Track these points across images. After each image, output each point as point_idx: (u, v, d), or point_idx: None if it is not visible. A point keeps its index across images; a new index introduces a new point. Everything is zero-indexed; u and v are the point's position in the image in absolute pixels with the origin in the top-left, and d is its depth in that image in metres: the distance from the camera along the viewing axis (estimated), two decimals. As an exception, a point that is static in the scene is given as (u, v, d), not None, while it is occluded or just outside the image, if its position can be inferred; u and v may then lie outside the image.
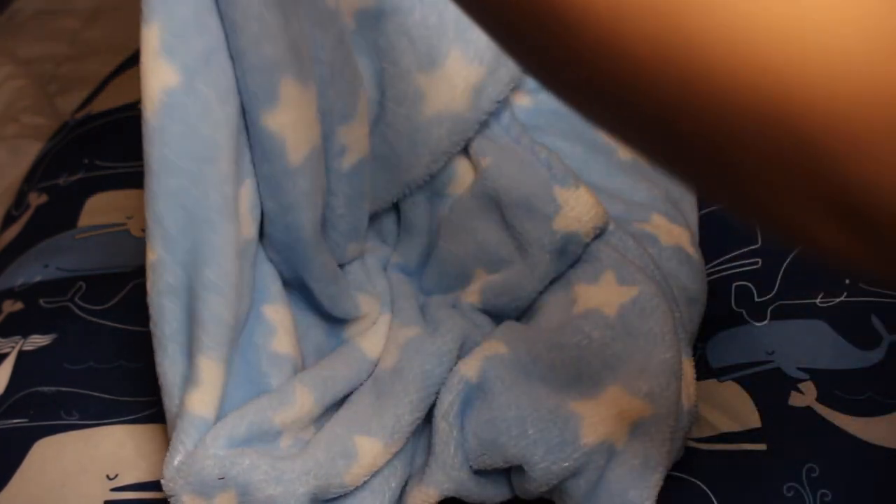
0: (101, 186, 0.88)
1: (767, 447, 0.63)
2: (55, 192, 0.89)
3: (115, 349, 0.74)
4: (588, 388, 0.59)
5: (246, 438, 0.58)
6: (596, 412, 0.58)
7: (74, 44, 1.27)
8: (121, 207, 0.86)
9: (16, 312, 0.79)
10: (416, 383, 0.61)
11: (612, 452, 0.58)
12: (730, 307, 0.71)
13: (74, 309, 0.77)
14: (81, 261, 0.82)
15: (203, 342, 0.57)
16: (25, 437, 0.68)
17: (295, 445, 0.60)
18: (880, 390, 0.64)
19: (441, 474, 0.59)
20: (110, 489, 0.65)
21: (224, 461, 0.57)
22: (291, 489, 0.57)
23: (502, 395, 0.58)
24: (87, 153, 0.91)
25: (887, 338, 0.66)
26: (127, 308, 0.76)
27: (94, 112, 0.96)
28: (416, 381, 0.61)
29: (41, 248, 0.85)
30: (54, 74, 1.22)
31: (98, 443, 0.67)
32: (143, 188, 0.87)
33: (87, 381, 0.72)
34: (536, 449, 0.57)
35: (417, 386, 0.61)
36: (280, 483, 0.57)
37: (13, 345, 0.75)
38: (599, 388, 0.59)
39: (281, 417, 0.59)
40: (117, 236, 0.84)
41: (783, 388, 0.65)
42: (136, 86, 0.96)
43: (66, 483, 0.66)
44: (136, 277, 0.79)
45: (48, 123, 1.10)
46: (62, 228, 0.85)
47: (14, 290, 0.81)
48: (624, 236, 0.67)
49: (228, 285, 0.57)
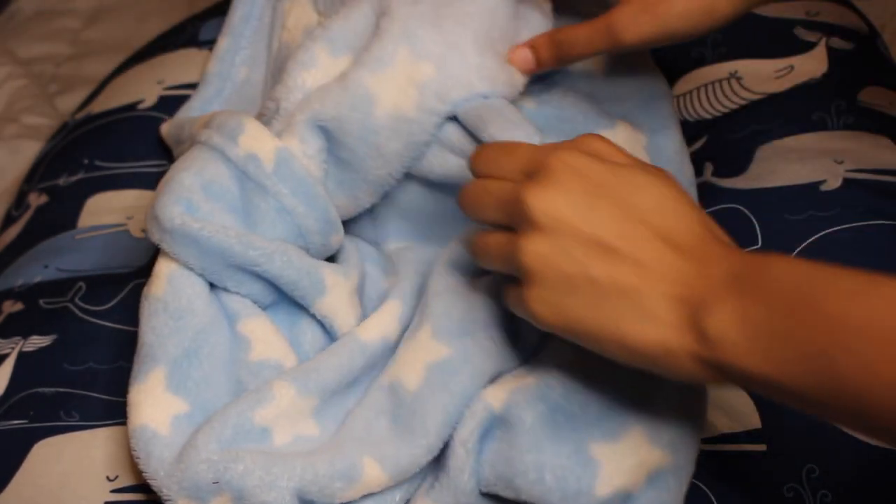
0: (101, 186, 0.88)
1: (767, 448, 0.63)
2: (55, 192, 0.89)
3: (115, 350, 0.74)
4: (612, 429, 0.57)
5: (233, 439, 0.58)
6: (615, 459, 0.56)
7: (74, 44, 1.27)
8: (121, 207, 0.86)
9: (16, 313, 0.79)
10: (436, 426, 0.59)
11: (627, 499, 0.57)
12: (730, 307, 0.71)
13: (74, 310, 0.77)
14: (81, 261, 0.82)
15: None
16: (25, 439, 0.68)
17: (295, 443, 0.60)
18: (880, 391, 0.64)
19: (450, 496, 0.58)
20: (110, 490, 0.65)
21: (218, 465, 0.57)
22: (284, 497, 0.57)
23: (523, 436, 0.57)
24: (87, 153, 0.91)
25: (887, 338, 0.66)
26: (127, 308, 0.76)
27: (94, 112, 0.95)
28: (438, 425, 0.59)
29: (41, 249, 0.85)
30: (54, 74, 1.22)
31: (98, 444, 0.67)
32: (143, 188, 0.87)
33: (87, 382, 0.72)
34: (551, 496, 0.56)
35: (438, 429, 0.59)
36: (273, 489, 0.57)
37: (13, 345, 0.75)
38: (623, 429, 0.57)
39: (262, 415, 0.60)
40: (117, 236, 0.84)
41: (783, 389, 0.65)
42: (136, 86, 0.97)
43: (65, 484, 0.66)
44: (137, 278, 0.79)
45: (48, 123, 1.10)
46: (62, 229, 0.85)
47: (14, 291, 0.81)
48: None
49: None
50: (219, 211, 0.64)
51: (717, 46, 0.86)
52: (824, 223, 0.71)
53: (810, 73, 0.82)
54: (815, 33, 0.85)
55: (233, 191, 0.65)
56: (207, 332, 0.63)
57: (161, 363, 0.62)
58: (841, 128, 0.78)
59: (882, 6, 1.04)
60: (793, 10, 0.87)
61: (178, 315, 0.63)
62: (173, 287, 0.63)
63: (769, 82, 0.83)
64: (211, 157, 0.66)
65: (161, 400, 0.61)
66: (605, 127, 0.73)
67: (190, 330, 0.63)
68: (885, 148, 0.77)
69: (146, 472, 0.59)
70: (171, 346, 0.62)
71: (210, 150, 0.66)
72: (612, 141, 0.55)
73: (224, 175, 0.65)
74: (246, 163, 0.65)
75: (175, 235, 0.62)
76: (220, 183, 0.65)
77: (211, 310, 0.64)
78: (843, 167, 0.75)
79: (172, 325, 0.63)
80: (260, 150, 0.66)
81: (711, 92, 0.84)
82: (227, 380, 0.63)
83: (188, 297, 0.63)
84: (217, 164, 0.65)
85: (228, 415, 0.59)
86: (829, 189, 0.74)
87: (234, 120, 0.67)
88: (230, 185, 0.65)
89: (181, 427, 0.60)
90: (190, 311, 0.63)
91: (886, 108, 0.80)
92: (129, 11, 1.31)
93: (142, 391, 0.62)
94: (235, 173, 0.65)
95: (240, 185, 0.66)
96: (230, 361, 0.64)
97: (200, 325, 0.63)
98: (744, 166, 0.78)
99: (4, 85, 1.15)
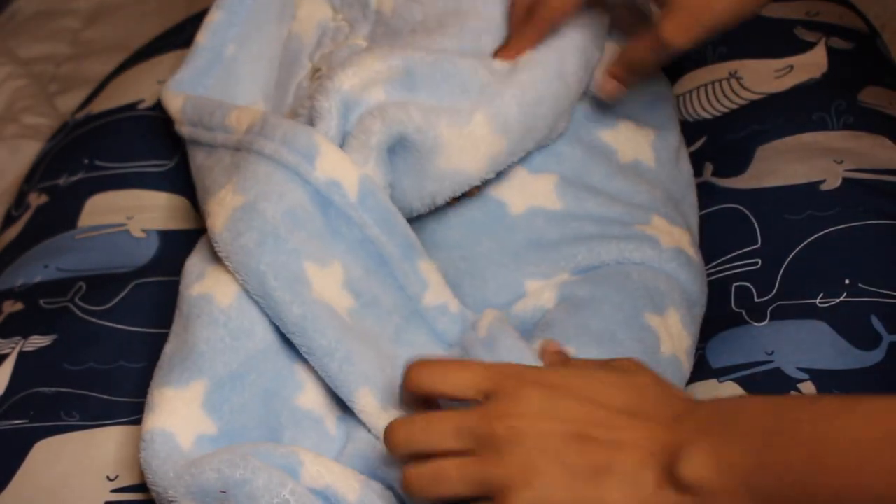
0: (101, 186, 0.88)
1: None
2: (55, 192, 0.89)
3: (115, 349, 0.74)
4: None
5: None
6: None
7: (74, 44, 1.27)
8: (121, 207, 0.86)
9: (16, 313, 0.79)
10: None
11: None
12: (730, 307, 0.71)
13: (74, 309, 0.77)
14: (81, 261, 0.82)
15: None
16: (25, 438, 0.68)
17: (320, 477, 0.58)
18: (880, 391, 0.64)
19: None
20: (110, 490, 0.65)
21: (227, 476, 0.56)
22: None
23: None
24: (87, 153, 0.91)
25: (887, 338, 0.66)
26: (127, 308, 0.76)
27: (94, 112, 0.95)
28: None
29: (41, 249, 0.85)
30: (54, 74, 1.22)
31: (98, 444, 0.67)
32: (143, 188, 0.87)
33: (87, 382, 0.72)
34: None
35: None
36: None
37: (13, 345, 0.75)
38: None
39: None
40: (117, 236, 0.84)
41: (783, 389, 0.65)
42: (136, 86, 0.97)
43: (66, 484, 0.66)
44: (137, 277, 0.79)
45: (48, 123, 1.10)
46: (62, 229, 0.85)
47: (14, 291, 0.81)
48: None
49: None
50: (304, 240, 0.63)
51: (717, 46, 0.86)
52: (824, 223, 0.72)
53: (810, 73, 0.82)
54: (815, 33, 0.85)
55: (316, 218, 0.64)
56: (259, 360, 0.62)
57: (206, 377, 0.61)
58: (841, 128, 0.78)
59: (882, 6, 1.04)
60: (793, 10, 0.87)
61: (237, 334, 0.62)
62: (240, 305, 0.62)
63: (769, 82, 0.83)
64: (286, 178, 0.64)
65: (194, 415, 0.60)
66: (607, 126, 0.73)
67: (244, 352, 0.61)
68: (885, 148, 0.77)
69: (151, 471, 0.59)
70: (220, 363, 0.61)
71: (282, 169, 0.64)
72: (616, 140, 0.55)
73: (305, 201, 0.64)
74: (329, 190, 0.64)
75: (253, 281, 0.62)
76: (303, 209, 0.63)
77: (269, 336, 0.62)
78: (843, 167, 0.75)
79: (229, 343, 0.61)
80: (343, 178, 0.64)
81: (711, 92, 0.84)
82: (265, 413, 0.61)
83: (251, 319, 0.62)
84: (296, 189, 0.64)
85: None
86: (828, 189, 0.74)
87: (304, 136, 0.65)
88: (313, 211, 0.64)
89: (203, 447, 0.59)
90: (250, 334, 0.62)
91: (886, 108, 0.80)
92: (129, 11, 1.31)
93: (178, 398, 0.60)
94: (318, 199, 0.64)
95: (322, 211, 0.64)
96: (274, 395, 0.62)
97: (256, 349, 0.62)
98: (744, 166, 0.78)
99: (4, 85, 1.15)
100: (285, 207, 0.63)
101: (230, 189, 0.65)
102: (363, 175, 0.65)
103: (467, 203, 0.70)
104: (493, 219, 0.70)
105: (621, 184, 0.72)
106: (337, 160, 0.64)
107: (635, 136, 0.74)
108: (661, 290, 0.68)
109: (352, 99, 0.66)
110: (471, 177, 0.66)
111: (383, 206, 0.65)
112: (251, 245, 0.62)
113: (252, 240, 0.62)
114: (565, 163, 0.71)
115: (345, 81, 0.66)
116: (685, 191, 0.76)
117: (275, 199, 0.63)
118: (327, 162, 0.64)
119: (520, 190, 0.70)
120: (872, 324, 0.66)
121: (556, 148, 0.71)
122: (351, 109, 0.66)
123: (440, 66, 0.67)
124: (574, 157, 0.71)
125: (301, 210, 0.63)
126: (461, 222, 0.70)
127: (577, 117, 0.73)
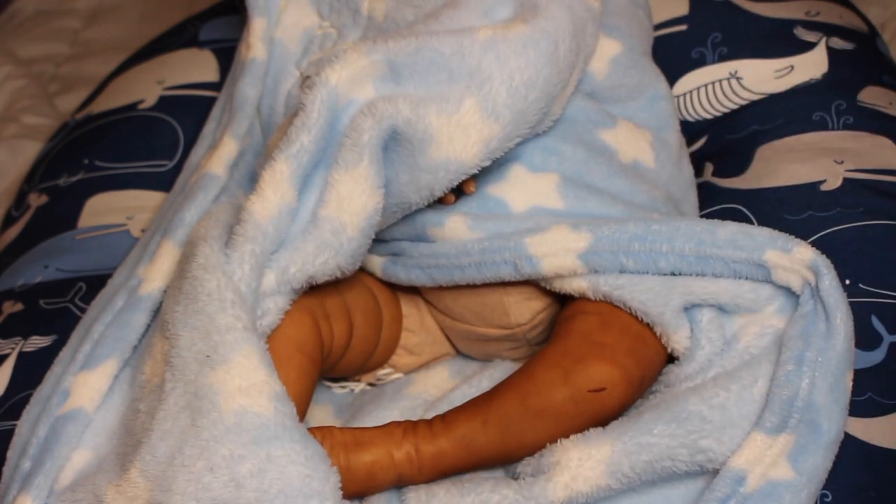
0: (101, 187, 0.88)
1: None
2: (55, 192, 0.89)
3: (115, 350, 0.74)
4: None
5: None
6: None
7: (74, 44, 1.27)
8: (121, 208, 0.86)
9: (16, 313, 0.79)
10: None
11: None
12: (730, 307, 0.71)
13: (74, 310, 0.77)
14: (81, 261, 0.82)
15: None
16: (26, 438, 0.68)
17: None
18: (880, 390, 0.64)
19: None
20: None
21: None
22: None
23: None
24: (87, 153, 0.91)
25: (887, 338, 0.66)
26: (127, 308, 0.76)
27: (94, 112, 0.95)
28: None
29: (41, 249, 0.85)
30: (54, 74, 1.23)
31: (98, 444, 0.67)
32: (143, 188, 0.87)
33: (88, 382, 0.72)
34: None
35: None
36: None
37: (13, 346, 0.75)
38: None
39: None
40: (117, 237, 0.84)
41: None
42: (136, 86, 0.97)
43: (66, 484, 0.66)
44: (137, 278, 0.79)
45: (48, 123, 1.10)
46: (62, 229, 0.85)
47: (14, 291, 0.81)
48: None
49: None
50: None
51: (717, 46, 0.86)
52: (824, 223, 0.71)
53: (810, 73, 0.82)
54: (815, 33, 0.85)
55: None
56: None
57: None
58: (841, 128, 0.78)
59: (882, 6, 1.04)
60: (793, 10, 0.87)
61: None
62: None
63: (769, 82, 0.83)
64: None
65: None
66: (606, 126, 0.73)
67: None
68: (885, 148, 0.77)
69: None
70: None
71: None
72: (616, 140, 0.55)
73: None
74: None
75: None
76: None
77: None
78: (843, 167, 0.75)
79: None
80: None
81: (711, 92, 0.84)
82: None
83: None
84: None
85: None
86: (828, 189, 0.74)
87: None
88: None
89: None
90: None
91: (886, 108, 0.80)
92: (129, 11, 1.32)
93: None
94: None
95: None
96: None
97: None
98: (744, 166, 0.78)
99: (4, 85, 1.15)
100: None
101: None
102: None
103: (467, 201, 0.69)
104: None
105: (622, 184, 0.71)
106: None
107: (635, 136, 0.74)
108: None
109: (342, 97, 0.66)
110: (465, 165, 0.66)
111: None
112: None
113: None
114: (566, 162, 0.71)
115: (331, 76, 0.66)
116: (685, 191, 0.76)
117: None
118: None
119: (521, 189, 0.70)
120: (873, 324, 0.66)
121: (556, 147, 0.71)
122: (343, 110, 0.66)
123: (422, 54, 0.67)
124: (574, 157, 0.71)
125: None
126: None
127: (578, 117, 0.73)
